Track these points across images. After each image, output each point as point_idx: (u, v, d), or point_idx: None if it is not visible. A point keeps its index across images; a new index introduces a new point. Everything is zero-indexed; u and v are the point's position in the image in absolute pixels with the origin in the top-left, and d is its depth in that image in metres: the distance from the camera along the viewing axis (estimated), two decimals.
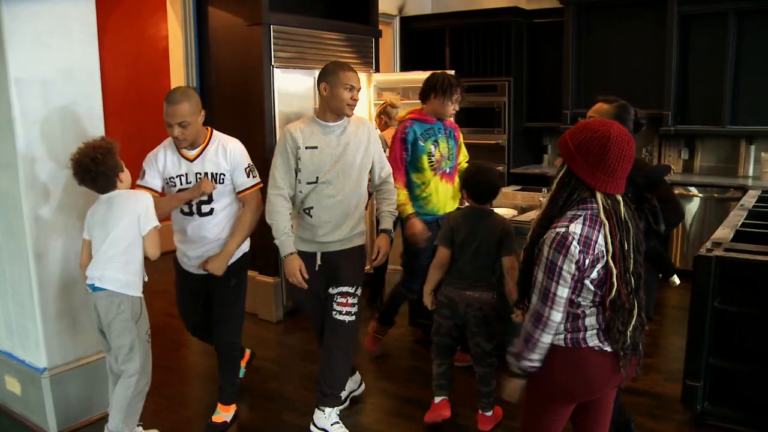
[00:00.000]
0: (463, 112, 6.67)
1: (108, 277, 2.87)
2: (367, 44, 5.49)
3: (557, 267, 1.90)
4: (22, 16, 2.98)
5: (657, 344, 4.23)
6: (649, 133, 6.21)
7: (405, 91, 5.56)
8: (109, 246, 2.87)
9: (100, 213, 2.93)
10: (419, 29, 7.05)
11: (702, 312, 3.12)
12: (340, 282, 3.17)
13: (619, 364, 2.02)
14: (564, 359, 2.03)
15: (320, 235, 3.15)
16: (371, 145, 3.21)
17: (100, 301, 2.89)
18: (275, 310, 4.89)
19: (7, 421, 3.44)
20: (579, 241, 1.89)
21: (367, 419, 3.47)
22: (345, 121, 3.15)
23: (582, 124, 1.99)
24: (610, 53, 6.15)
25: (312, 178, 3.10)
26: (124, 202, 2.91)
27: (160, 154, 3.15)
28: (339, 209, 3.14)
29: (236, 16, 4.72)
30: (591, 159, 1.92)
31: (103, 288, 2.87)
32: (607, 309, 1.98)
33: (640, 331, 2.06)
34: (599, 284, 1.95)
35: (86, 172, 2.82)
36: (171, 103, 2.95)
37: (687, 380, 3.21)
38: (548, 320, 1.94)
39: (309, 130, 3.11)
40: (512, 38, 6.48)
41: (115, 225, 2.88)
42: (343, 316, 3.15)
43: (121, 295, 2.89)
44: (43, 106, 3.09)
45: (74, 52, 3.20)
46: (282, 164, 3.13)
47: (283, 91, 4.73)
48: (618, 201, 1.97)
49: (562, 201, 1.98)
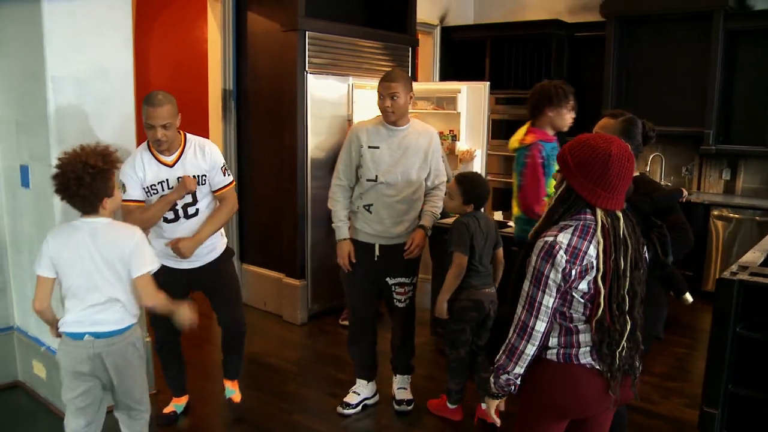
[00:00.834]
0: (499, 123, 6.67)
1: (110, 319, 2.46)
2: (403, 53, 5.52)
3: (543, 276, 1.90)
4: (61, 19, 3.12)
5: (683, 368, 4.12)
6: (690, 152, 6.07)
7: (439, 100, 5.57)
8: (101, 283, 2.42)
9: (80, 245, 2.41)
10: (460, 39, 7.05)
11: (722, 337, 3.02)
12: (398, 273, 3.44)
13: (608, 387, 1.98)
14: (556, 375, 2.00)
15: (379, 230, 3.38)
16: (431, 152, 3.41)
17: (111, 349, 2.46)
18: (300, 312, 4.94)
19: (33, 403, 3.58)
20: (566, 251, 1.88)
21: (376, 426, 3.47)
22: (408, 126, 3.37)
23: (583, 140, 1.97)
24: (651, 68, 6.03)
25: (372, 176, 3.33)
26: (113, 235, 2.45)
27: (137, 164, 3.08)
28: (397, 208, 3.37)
29: (273, 21, 4.81)
30: (592, 176, 1.90)
31: (110, 332, 2.45)
32: (592, 329, 1.95)
33: (635, 351, 2.02)
34: (590, 299, 1.93)
35: (64, 188, 2.37)
36: (154, 105, 2.94)
37: (704, 407, 3.10)
38: (533, 330, 1.92)
39: (375, 130, 3.36)
40: (552, 51, 6.42)
41: (104, 258, 2.42)
42: (401, 304, 3.51)
43: (131, 331, 2.52)
44: (77, 104, 3.21)
45: (109, 54, 3.31)
46: (345, 159, 3.41)
47: (316, 96, 4.80)
48: (618, 217, 1.95)
49: (557, 216, 1.97)
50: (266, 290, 5.17)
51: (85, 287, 2.43)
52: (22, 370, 3.71)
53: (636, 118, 2.73)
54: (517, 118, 6.53)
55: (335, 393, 3.80)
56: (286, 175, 4.83)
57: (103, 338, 2.44)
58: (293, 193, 4.79)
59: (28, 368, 3.64)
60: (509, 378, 1.98)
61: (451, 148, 5.46)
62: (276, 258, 5.03)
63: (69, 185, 2.34)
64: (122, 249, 2.43)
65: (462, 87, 5.38)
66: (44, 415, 3.45)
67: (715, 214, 5.57)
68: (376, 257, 3.42)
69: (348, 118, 5.06)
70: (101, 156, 2.40)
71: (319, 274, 5.01)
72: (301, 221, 4.86)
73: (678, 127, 5.86)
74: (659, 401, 3.72)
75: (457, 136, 5.47)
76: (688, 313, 5.06)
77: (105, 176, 2.38)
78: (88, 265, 2.41)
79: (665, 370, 4.14)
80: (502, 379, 1.99)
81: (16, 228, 3.57)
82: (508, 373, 1.97)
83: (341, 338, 4.70)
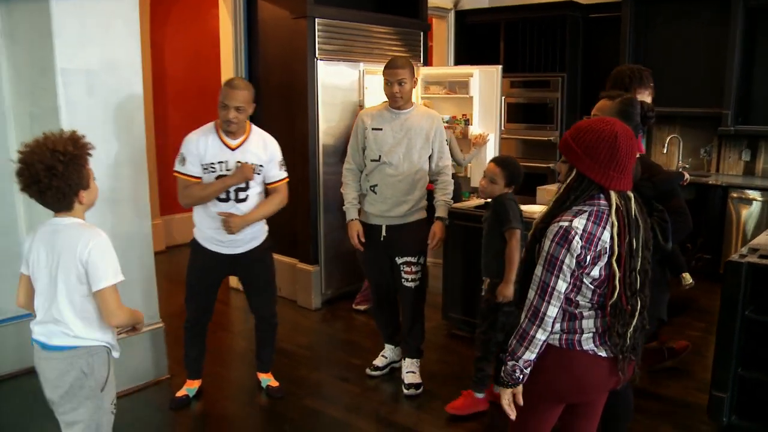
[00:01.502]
0: (515, 107, 6.63)
1: (61, 331, 2.14)
2: (415, 38, 5.50)
3: (558, 260, 1.89)
4: (69, 12, 3.16)
5: (697, 352, 4.07)
6: (708, 133, 5.97)
7: (452, 84, 5.54)
8: (56, 288, 2.13)
9: (43, 242, 2.15)
10: (474, 23, 6.99)
11: (731, 320, 3.00)
12: (405, 252, 3.57)
13: (616, 368, 2.00)
14: (557, 359, 2.01)
15: (384, 210, 3.54)
16: (432, 134, 3.54)
17: (51, 364, 2.15)
18: (314, 297, 4.99)
19: None
20: (582, 237, 1.88)
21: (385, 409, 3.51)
22: (412, 110, 3.54)
23: (584, 125, 1.96)
24: (668, 49, 5.92)
25: (375, 156, 3.51)
26: (71, 238, 2.12)
27: (200, 139, 3.22)
28: (400, 187, 3.51)
29: (283, 9, 4.82)
30: (602, 158, 1.90)
31: (57, 346, 2.14)
32: (606, 312, 1.95)
33: (641, 331, 2.03)
34: (600, 284, 1.93)
35: (33, 182, 2.04)
36: (233, 87, 3.12)
37: (713, 391, 3.10)
38: (545, 315, 1.92)
39: (378, 114, 3.56)
40: (567, 33, 6.34)
41: (59, 262, 2.12)
42: (409, 283, 3.62)
43: (83, 351, 2.15)
44: (87, 95, 3.26)
45: (117, 46, 3.35)
46: (353, 143, 3.63)
47: (327, 83, 4.81)
48: (630, 198, 1.96)
49: (569, 202, 1.96)
50: (280, 276, 5.13)
51: (40, 293, 2.18)
52: None
53: (634, 98, 2.71)
54: (531, 101, 6.51)
55: (347, 377, 3.85)
56: (298, 161, 4.86)
57: (46, 350, 2.18)
58: (305, 179, 4.81)
59: None
60: (516, 365, 1.97)
61: (464, 133, 5.44)
62: (290, 244, 5.06)
63: (39, 178, 2.02)
64: (78, 256, 2.10)
65: (474, 71, 5.35)
66: None
67: (734, 197, 5.48)
68: (383, 237, 3.58)
69: (359, 104, 5.06)
70: (70, 141, 2.09)
71: (332, 259, 5.04)
72: (313, 207, 4.89)
73: (696, 108, 5.77)
74: (670, 384, 3.70)
75: (470, 120, 5.44)
76: (705, 296, 5.01)
77: (78, 163, 2.09)
78: (43, 270, 2.15)
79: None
80: (509, 365, 1.98)
81: (31, 217, 3.65)
82: (517, 360, 1.96)
83: (355, 323, 4.76)
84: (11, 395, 3.59)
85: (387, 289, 3.76)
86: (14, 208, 3.68)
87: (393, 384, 3.76)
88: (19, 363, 3.78)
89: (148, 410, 3.51)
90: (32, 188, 2.06)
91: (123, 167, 3.45)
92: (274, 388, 3.63)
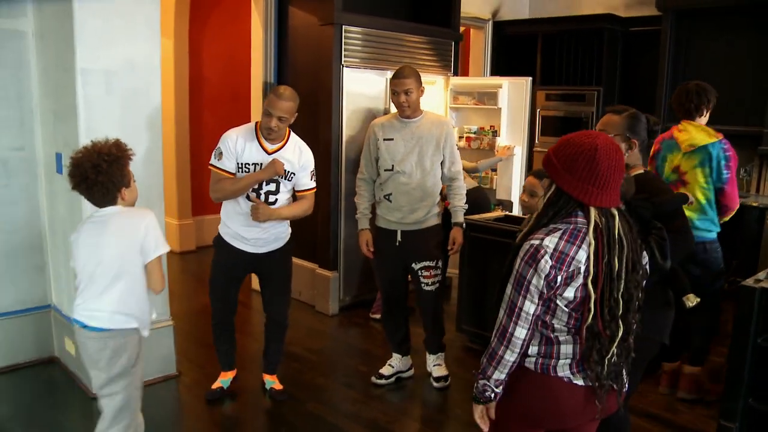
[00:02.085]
0: (550, 120, 6.53)
1: (101, 315, 2.43)
2: (446, 47, 5.47)
3: (525, 281, 1.81)
4: (91, 13, 3.26)
5: (717, 379, 3.90)
6: (748, 152, 5.74)
7: (480, 96, 5.50)
8: (102, 275, 2.42)
9: (90, 235, 2.45)
10: (512, 35, 6.92)
11: (742, 348, 2.87)
12: (422, 258, 3.64)
13: (594, 397, 1.90)
14: (531, 384, 1.93)
15: (400, 218, 3.61)
16: (443, 141, 3.59)
17: (91, 342, 2.45)
18: (331, 303, 5.00)
19: (64, 377, 3.78)
20: (552, 256, 1.78)
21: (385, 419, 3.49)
22: (421, 118, 3.60)
23: (565, 139, 1.89)
24: (708, 65, 5.72)
25: (388, 166, 3.58)
26: (123, 221, 2.46)
27: (239, 139, 3.28)
28: (414, 195, 3.57)
29: (312, 15, 4.87)
30: (580, 173, 1.81)
31: (97, 328, 2.43)
32: (581, 337, 1.85)
33: (625, 358, 1.92)
34: (576, 307, 1.84)
35: (83, 179, 2.37)
36: (280, 97, 3.19)
37: (722, 420, 2.96)
38: (512, 336, 1.84)
39: (389, 124, 3.64)
40: (605, 46, 6.21)
41: (110, 249, 2.42)
42: (429, 287, 3.69)
43: (118, 334, 2.45)
44: (105, 95, 3.36)
45: (137, 47, 3.44)
46: (366, 153, 3.71)
47: (352, 90, 4.83)
48: (613, 215, 1.84)
49: (546, 219, 1.88)
50: (300, 280, 5.23)
51: (84, 279, 2.45)
52: (58, 347, 3.92)
53: (640, 113, 2.63)
54: (568, 114, 6.40)
55: (352, 384, 3.84)
56: (320, 168, 4.87)
57: (86, 329, 2.45)
58: (327, 185, 4.84)
59: (62, 345, 3.84)
60: (486, 384, 1.91)
61: (491, 144, 5.39)
62: (310, 249, 5.09)
63: (87, 174, 2.35)
64: (134, 234, 2.44)
65: (503, 82, 5.30)
66: (72, 390, 3.64)
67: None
68: (398, 242, 3.64)
69: (385, 111, 5.06)
70: (114, 146, 2.44)
71: (351, 266, 5.05)
72: (334, 213, 4.91)
73: (736, 126, 5.54)
74: (683, 411, 3.56)
75: (497, 131, 5.39)
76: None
77: (120, 163, 2.42)
78: (91, 257, 2.43)
79: None
80: (480, 384, 1.93)
81: (53, 211, 3.77)
82: (488, 379, 1.90)
83: (371, 331, 4.75)
84: (31, 383, 3.70)
85: (398, 296, 3.78)
86: (37, 201, 3.82)
87: (397, 394, 3.74)
88: (37, 352, 3.91)
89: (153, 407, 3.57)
90: (81, 186, 2.39)
91: (140, 167, 3.48)
92: (277, 391, 3.65)
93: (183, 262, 6.41)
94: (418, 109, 3.60)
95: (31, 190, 3.79)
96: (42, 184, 3.81)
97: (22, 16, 3.62)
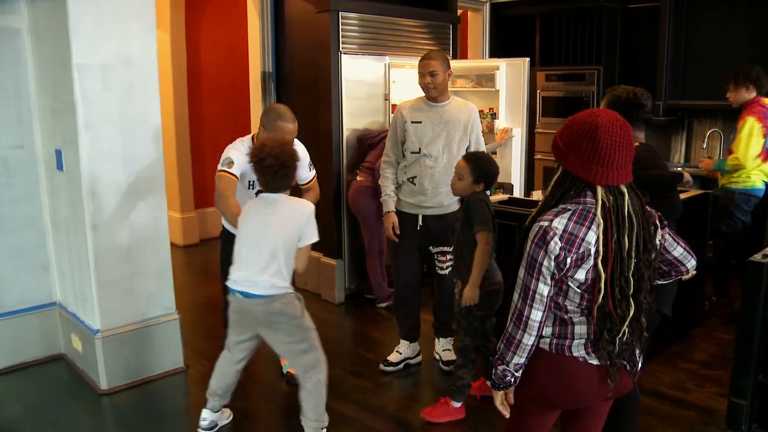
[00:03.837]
0: (551, 101, 6.49)
1: (264, 284, 2.79)
2: (444, 30, 5.43)
3: (536, 263, 1.80)
4: (86, 8, 3.23)
5: (725, 356, 3.90)
6: None
7: (478, 78, 5.45)
8: (266, 250, 2.78)
9: (258, 213, 2.85)
10: (510, 16, 6.86)
11: (751, 324, 2.85)
12: (440, 242, 3.68)
13: (607, 375, 1.89)
14: (546, 364, 1.92)
15: (422, 201, 3.63)
16: (470, 125, 3.62)
17: (258, 308, 2.83)
18: (336, 291, 5.00)
19: (71, 375, 3.79)
20: (561, 237, 1.77)
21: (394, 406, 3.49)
22: (449, 102, 3.62)
23: (569, 120, 1.86)
24: (709, 40, 5.67)
25: (415, 148, 3.59)
26: (291, 206, 2.86)
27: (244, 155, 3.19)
28: (439, 179, 3.58)
29: (308, 3, 4.83)
30: (582, 152, 1.78)
31: (261, 295, 2.80)
32: (593, 317, 1.84)
33: (638, 337, 1.91)
34: (588, 289, 1.82)
35: (281, 166, 2.77)
36: (287, 121, 3.31)
37: (732, 398, 2.95)
38: (528, 319, 1.83)
39: (417, 107, 3.65)
40: (604, 25, 6.16)
41: (276, 228, 2.80)
42: (443, 271, 3.74)
43: (282, 297, 2.83)
44: (102, 90, 3.33)
45: (133, 41, 3.41)
46: (392, 136, 3.72)
47: (351, 77, 4.79)
48: (623, 194, 1.81)
49: (554, 201, 1.86)
50: (306, 270, 5.21)
51: (245, 252, 2.83)
52: (65, 344, 3.92)
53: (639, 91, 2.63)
54: (569, 94, 6.35)
55: (359, 372, 3.84)
56: (321, 156, 4.87)
57: (248, 297, 2.82)
58: (330, 173, 4.82)
59: (69, 342, 3.84)
60: (506, 369, 1.90)
61: (490, 127, 5.34)
62: None
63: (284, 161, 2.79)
64: (299, 219, 2.81)
65: (501, 64, 5.24)
66: (80, 387, 3.64)
67: None
68: (419, 227, 3.67)
69: (385, 97, 5.03)
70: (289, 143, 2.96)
71: (356, 254, 5.04)
72: (337, 202, 4.89)
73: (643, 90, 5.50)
74: (693, 389, 3.56)
75: (496, 114, 5.34)
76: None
77: (297, 157, 2.91)
78: (256, 233, 2.81)
79: (705, 358, 3.95)
80: (499, 370, 1.91)
81: (55, 209, 3.76)
82: (507, 364, 1.89)
83: (376, 318, 4.74)
84: (38, 381, 3.70)
85: (413, 281, 3.80)
86: (39, 201, 3.80)
87: (406, 380, 3.74)
88: (44, 350, 3.91)
89: (162, 401, 3.58)
90: (270, 170, 2.76)
91: (139, 161, 3.51)
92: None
93: (187, 256, 6.40)
94: (446, 92, 3.61)
95: (33, 188, 3.77)
96: (43, 182, 3.79)
97: (15, 13, 3.58)
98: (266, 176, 2.80)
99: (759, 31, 5.39)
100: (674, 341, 4.14)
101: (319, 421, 2.99)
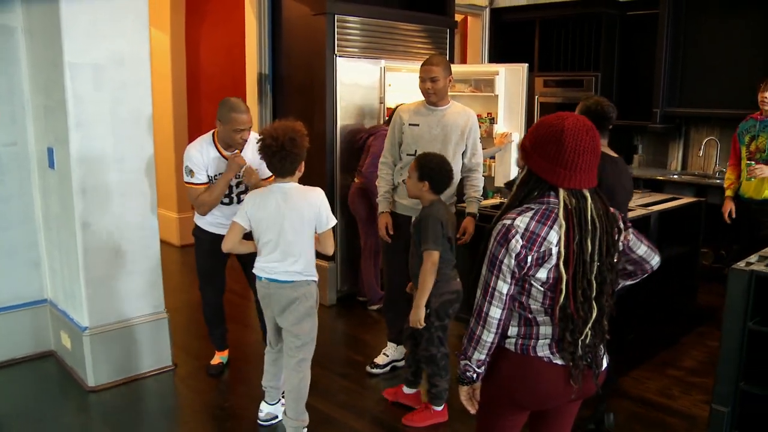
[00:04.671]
0: (548, 107, 6.49)
1: (290, 270, 2.89)
2: (441, 35, 5.44)
3: (498, 261, 1.82)
4: (79, 7, 3.25)
5: (713, 363, 3.88)
6: None
7: (477, 83, 5.47)
8: (287, 238, 2.85)
9: (273, 204, 2.87)
10: (509, 21, 6.88)
11: (734, 332, 2.85)
12: None
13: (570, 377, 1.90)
14: (511, 365, 1.94)
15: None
16: (467, 131, 3.62)
17: (279, 293, 2.91)
18: (329, 293, 5.01)
19: (60, 371, 3.81)
20: (523, 236, 1.79)
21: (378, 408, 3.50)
22: (449, 107, 3.64)
23: (538, 121, 1.89)
24: (707, 48, 5.67)
25: (411, 151, 3.59)
26: (302, 195, 2.89)
27: (202, 152, 3.45)
28: None
29: (305, 5, 4.85)
30: (547, 154, 1.80)
31: (284, 281, 2.89)
32: (555, 318, 1.86)
33: (599, 340, 1.92)
34: (550, 288, 1.84)
35: (280, 149, 2.78)
36: (241, 112, 3.36)
37: (714, 404, 2.95)
38: (488, 316, 1.85)
39: (416, 110, 3.67)
40: (603, 31, 6.16)
41: (295, 216, 2.85)
42: None
43: (306, 284, 2.93)
44: (94, 89, 3.35)
45: (126, 41, 3.43)
46: (390, 137, 3.74)
47: (346, 80, 4.81)
48: (585, 197, 1.83)
49: (518, 200, 1.89)
50: None
51: (268, 241, 2.89)
52: (54, 341, 3.95)
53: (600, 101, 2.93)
54: (568, 100, 6.35)
55: (346, 373, 3.85)
56: (315, 159, 4.88)
57: (272, 282, 2.91)
58: (322, 176, 4.83)
59: (58, 339, 3.87)
60: (468, 364, 1.93)
61: (489, 132, 5.36)
62: None
63: (285, 146, 2.78)
64: (313, 206, 2.89)
65: (500, 69, 5.26)
66: (69, 384, 3.66)
67: None
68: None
69: (380, 101, 5.05)
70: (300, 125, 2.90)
71: (348, 256, 5.05)
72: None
73: (736, 109, 5.50)
74: (678, 396, 3.55)
75: (495, 119, 5.36)
76: None
77: (305, 140, 2.88)
78: (274, 221, 2.85)
79: (692, 365, 3.95)
80: (462, 364, 1.94)
81: (47, 207, 3.79)
82: (469, 360, 1.92)
83: (367, 321, 4.75)
84: (27, 377, 3.73)
85: (403, 284, 3.70)
86: (32, 198, 3.83)
87: (391, 383, 3.73)
88: (34, 347, 3.94)
89: (149, 399, 3.60)
90: (276, 155, 2.79)
91: (130, 161, 3.53)
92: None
93: (183, 256, 6.41)
94: (446, 98, 3.63)
95: (25, 186, 3.81)
96: (35, 180, 3.82)
97: (10, 12, 3.62)
98: (266, 157, 2.84)
99: (757, 40, 5.39)
100: (663, 348, 4.14)
101: (299, 420, 3.00)
